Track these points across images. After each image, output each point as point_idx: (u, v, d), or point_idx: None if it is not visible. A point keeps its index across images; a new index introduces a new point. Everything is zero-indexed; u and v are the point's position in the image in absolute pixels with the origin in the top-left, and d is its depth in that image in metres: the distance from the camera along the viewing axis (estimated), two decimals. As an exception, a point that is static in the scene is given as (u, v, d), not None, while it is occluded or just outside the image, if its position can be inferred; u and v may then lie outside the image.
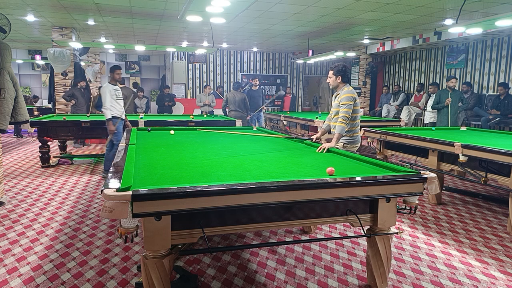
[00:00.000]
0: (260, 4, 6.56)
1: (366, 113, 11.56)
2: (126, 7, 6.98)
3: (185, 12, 5.09)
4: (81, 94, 8.47)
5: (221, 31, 9.22)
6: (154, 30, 9.32)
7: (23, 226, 3.66)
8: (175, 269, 2.70)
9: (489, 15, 5.52)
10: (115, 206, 1.72)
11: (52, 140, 6.54)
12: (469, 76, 9.60)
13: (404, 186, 2.26)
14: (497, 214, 4.28)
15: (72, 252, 3.08)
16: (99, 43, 9.21)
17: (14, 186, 5.15)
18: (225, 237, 3.45)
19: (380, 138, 5.28)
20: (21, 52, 13.60)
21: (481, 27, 5.40)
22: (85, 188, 5.10)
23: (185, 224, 2.00)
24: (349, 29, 8.69)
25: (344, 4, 6.54)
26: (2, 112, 4.11)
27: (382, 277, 2.46)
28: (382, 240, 2.42)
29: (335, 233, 3.66)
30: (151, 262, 1.93)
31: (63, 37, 8.96)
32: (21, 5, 6.96)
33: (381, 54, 11.66)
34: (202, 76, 13.05)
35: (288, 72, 14.13)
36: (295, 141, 4.04)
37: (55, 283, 2.59)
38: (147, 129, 4.98)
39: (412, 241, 3.46)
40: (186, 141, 4.01)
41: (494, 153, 3.56)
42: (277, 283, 2.66)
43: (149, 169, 2.48)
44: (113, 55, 14.35)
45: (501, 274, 2.84)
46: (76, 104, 8.42)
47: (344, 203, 2.32)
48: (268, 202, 1.97)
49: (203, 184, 1.95)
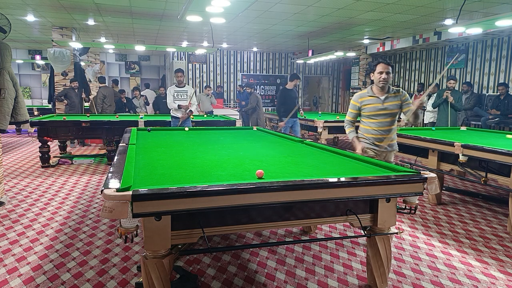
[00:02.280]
0: (260, 4, 6.56)
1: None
2: (126, 7, 6.99)
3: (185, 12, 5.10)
4: (75, 94, 8.48)
5: (221, 31, 9.22)
6: (154, 30, 9.32)
7: (23, 226, 3.66)
8: (175, 269, 2.70)
9: (489, 15, 5.52)
10: (115, 206, 1.72)
11: (52, 140, 6.54)
12: (469, 76, 9.60)
13: (404, 186, 2.26)
14: (497, 214, 4.28)
15: (72, 252, 3.08)
16: (99, 43, 9.21)
17: (14, 186, 5.15)
18: (225, 237, 3.45)
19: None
20: (21, 52, 13.60)
21: (481, 27, 5.41)
22: (85, 188, 5.10)
23: (185, 224, 2.00)
24: (349, 29, 8.69)
25: (344, 4, 6.54)
26: (2, 112, 4.11)
27: (382, 277, 2.46)
28: (382, 240, 2.42)
29: (335, 233, 3.66)
30: (151, 262, 1.93)
31: (63, 37, 8.96)
32: (21, 5, 6.96)
33: (381, 54, 11.66)
34: (202, 76, 13.06)
35: (288, 72, 14.13)
36: (295, 141, 4.03)
37: (55, 283, 2.59)
38: (147, 129, 4.98)
39: (412, 241, 3.46)
40: (186, 141, 4.01)
41: (494, 153, 3.56)
42: (277, 283, 2.66)
43: (149, 169, 2.48)
44: (113, 55, 14.35)
45: (501, 274, 2.84)
46: (69, 104, 8.42)
47: (344, 203, 2.32)
48: (268, 202, 1.97)
49: (203, 184, 1.95)
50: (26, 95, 13.69)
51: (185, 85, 6.37)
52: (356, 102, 3.51)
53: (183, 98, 6.26)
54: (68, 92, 8.37)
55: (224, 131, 5.19)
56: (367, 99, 3.44)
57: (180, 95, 6.26)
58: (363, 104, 3.45)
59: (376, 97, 3.40)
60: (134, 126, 5.76)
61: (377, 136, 3.42)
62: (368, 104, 3.42)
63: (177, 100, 6.24)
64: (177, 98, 6.26)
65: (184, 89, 6.31)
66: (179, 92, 6.27)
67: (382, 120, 3.40)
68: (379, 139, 3.42)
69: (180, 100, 6.25)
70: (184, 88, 6.33)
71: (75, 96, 8.46)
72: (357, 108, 3.50)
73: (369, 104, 3.41)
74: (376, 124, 3.41)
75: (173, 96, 6.26)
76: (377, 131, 3.41)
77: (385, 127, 3.42)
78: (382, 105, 3.37)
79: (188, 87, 6.41)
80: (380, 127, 3.41)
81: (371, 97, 3.42)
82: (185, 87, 6.36)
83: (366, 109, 3.43)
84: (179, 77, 6.20)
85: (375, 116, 3.40)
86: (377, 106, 3.38)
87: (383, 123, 3.41)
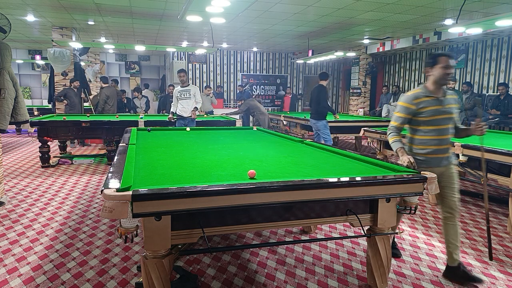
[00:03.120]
0: (260, 4, 6.56)
1: (366, 113, 11.57)
2: (126, 7, 6.99)
3: (185, 12, 5.10)
4: (74, 94, 8.47)
5: (221, 31, 9.22)
6: (154, 30, 9.32)
7: (23, 226, 3.66)
8: (175, 269, 2.69)
9: (489, 15, 5.53)
10: (115, 206, 1.72)
11: (52, 140, 6.54)
12: (469, 76, 9.60)
13: (404, 186, 2.26)
14: (497, 214, 4.28)
15: (72, 252, 3.08)
16: (99, 43, 9.22)
17: (14, 186, 5.15)
18: (225, 237, 3.45)
19: (380, 138, 5.28)
20: (21, 52, 13.60)
21: (481, 27, 5.41)
22: (85, 188, 5.10)
23: (185, 224, 2.00)
24: (349, 29, 8.69)
25: (344, 4, 6.54)
26: (2, 112, 4.11)
27: (382, 277, 2.46)
28: (382, 240, 2.42)
29: (335, 233, 3.66)
30: (151, 262, 1.93)
31: (63, 37, 8.96)
32: (21, 5, 6.96)
33: (381, 54, 11.66)
34: (202, 76, 13.06)
35: (288, 72, 14.14)
36: (295, 141, 4.03)
37: (55, 283, 2.59)
38: (147, 129, 4.98)
39: (412, 241, 3.46)
40: (186, 141, 4.01)
41: (494, 153, 3.56)
42: (277, 283, 2.66)
43: (149, 169, 2.48)
44: (113, 55, 14.35)
45: (501, 274, 2.84)
46: (69, 104, 8.42)
47: (344, 203, 2.32)
48: (268, 202, 1.97)
49: (203, 184, 1.95)
50: (26, 95, 13.69)
51: (188, 84, 6.55)
52: (410, 105, 2.74)
53: (186, 97, 6.43)
54: (68, 92, 8.37)
55: (224, 131, 5.20)
56: (424, 101, 2.72)
57: (183, 94, 6.43)
58: (420, 107, 2.71)
59: (436, 98, 2.73)
60: (134, 126, 5.77)
61: (439, 147, 2.74)
62: (426, 106, 2.71)
63: (181, 99, 6.43)
64: (181, 97, 6.43)
65: (187, 88, 6.47)
66: (183, 92, 6.44)
67: (444, 126, 2.73)
68: (442, 151, 2.76)
69: (184, 99, 6.42)
70: (188, 87, 6.50)
71: (75, 95, 8.46)
72: (411, 112, 2.75)
73: (427, 106, 2.71)
74: (437, 132, 2.73)
75: (177, 96, 6.45)
76: (438, 141, 2.74)
77: (448, 135, 2.77)
78: (444, 108, 2.72)
79: (191, 86, 6.58)
80: (442, 135, 2.74)
81: (429, 97, 2.73)
82: (189, 86, 6.53)
83: (425, 113, 2.71)
84: (181, 77, 6.38)
85: (435, 121, 2.71)
86: (438, 108, 2.71)
87: (445, 130, 2.75)
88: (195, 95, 6.48)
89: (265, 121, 9.37)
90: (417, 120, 2.76)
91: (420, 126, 2.77)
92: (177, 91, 6.49)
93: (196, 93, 6.50)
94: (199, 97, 6.53)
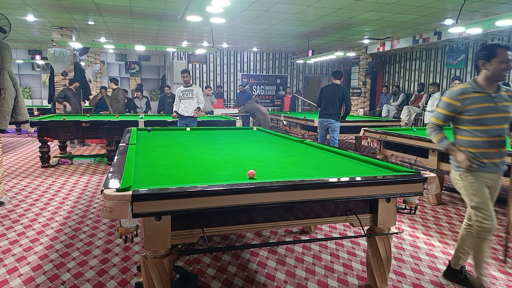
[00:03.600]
0: (260, 4, 6.56)
1: (366, 113, 11.57)
2: (126, 7, 6.99)
3: (185, 12, 5.10)
4: (73, 94, 8.48)
5: (221, 31, 9.22)
6: (154, 30, 9.32)
7: (23, 226, 3.66)
8: (175, 269, 2.69)
9: (489, 15, 5.52)
10: (115, 206, 1.72)
11: (52, 140, 6.54)
12: (469, 76, 9.60)
13: (404, 186, 2.26)
14: (497, 214, 4.26)
15: (72, 252, 3.08)
16: (99, 43, 9.22)
17: (14, 186, 5.15)
18: (225, 237, 3.45)
19: (380, 138, 5.28)
20: (21, 52, 13.60)
21: (481, 27, 5.41)
22: (85, 188, 5.10)
23: (185, 224, 2.00)
24: (349, 29, 8.69)
25: (344, 4, 6.54)
26: (2, 112, 4.11)
27: (382, 277, 2.46)
28: (382, 240, 2.42)
29: (335, 233, 3.66)
30: (151, 262, 1.93)
31: (63, 37, 8.96)
32: (21, 5, 6.96)
33: (381, 54, 11.66)
34: (202, 76, 13.06)
35: (288, 72, 14.14)
36: (295, 141, 4.03)
37: (55, 283, 2.59)
38: (147, 129, 4.98)
39: (412, 241, 3.46)
40: (186, 141, 4.01)
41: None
42: (277, 283, 2.66)
43: (149, 169, 2.48)
44: (113, 55, 14.35)
45: (501, 274, 2.84)
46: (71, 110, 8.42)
47: (344, 203, 2.32)
48: (268, 202, 1.97)
49: (203, 184, 1.95)
50: (26, 95, 13.69)
51: (191, 85, 6.63)
52: (454, 101, 2.47)
53: (189, 97, 6.50)
54: (67, 92, 8.37)
55: (224, 131, 5.20)
56: (472, 97, 2.43)
57: (186, 94, 6.51)
58: (466, 104, 2.43)
59: (487, 94, 2.44)
60: (134, 126, 5.76)
61: (490, 150, 2.45)
62: (474, 104, 2.42)
63: (184, 99, 6.49)
64: (183, 97, 6.50)
65: (190, 89, 6.55)
66: (185, 92, 6.52)
67: (497, 127, 2.42)
68: (494, 155, 2.46)
69: (186, 99, 6.49)
70: (191, 87, 6.58)
71: (73, 96, 8.46)
72: (455, 110, 2.48)
73: (476, 104, 2.42)
74: (488, 133, 2.42)
75: (180, 96, 6.51)
76: (489, 143, 2.43)
77: (501, 137, 2.46)
78: (496, 105, 2.42)
79: (194, 86, 6.67)
80: (494, 136, 2.43)
81: (478, 93, 2.44)
82: (192, 86, 6.61)
83: (472, 111, 2.42)
84: (185, 77, 6.46)
85: (485, 120, 2.41)
86: (489, 106, 2.41)
87: (498, 130, 2.43)
88: (198, 95, 6.56)
89: (265, 121, 9.38)
90: (461, 118, 2.47)
91: (464, 125, 2.48)
92: (179, 91, 6.55)
93: (198, 93, 6.59)
94: (201, 98, 6.63)
